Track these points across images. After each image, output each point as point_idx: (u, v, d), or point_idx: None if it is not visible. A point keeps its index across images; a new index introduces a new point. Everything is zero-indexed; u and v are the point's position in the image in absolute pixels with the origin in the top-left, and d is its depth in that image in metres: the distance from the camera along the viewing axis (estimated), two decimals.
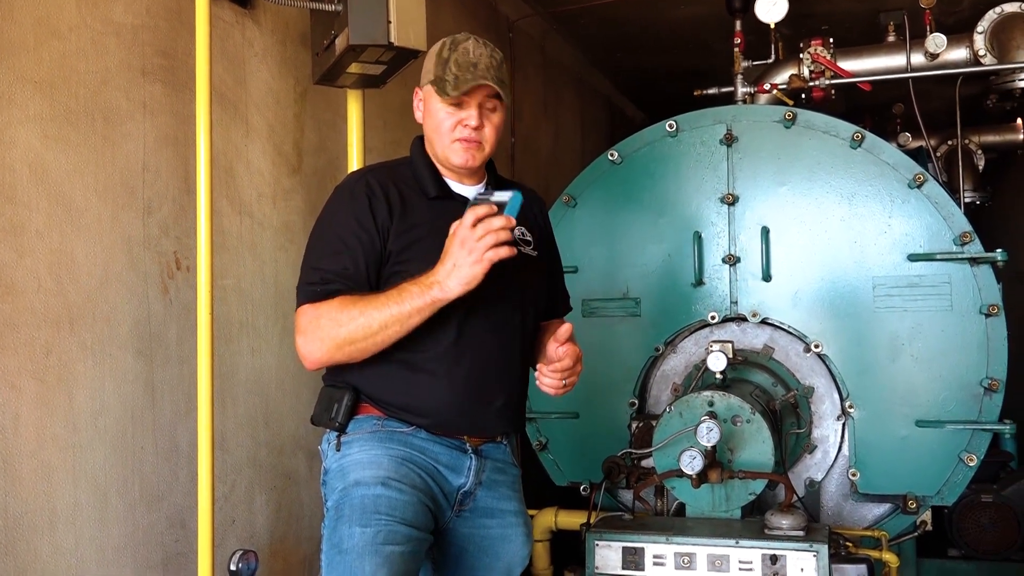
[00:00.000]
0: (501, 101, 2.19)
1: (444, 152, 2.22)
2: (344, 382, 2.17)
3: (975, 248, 3.33)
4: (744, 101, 4.16)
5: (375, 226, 2.13)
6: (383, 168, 2.31)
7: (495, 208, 1.97)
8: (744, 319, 3.58)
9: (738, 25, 4.24)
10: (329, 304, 2.07)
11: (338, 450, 2.17)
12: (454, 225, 2.01)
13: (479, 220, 1.95)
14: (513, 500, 2.32)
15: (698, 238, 3.61)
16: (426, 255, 2.11)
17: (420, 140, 2.32)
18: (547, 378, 2.23)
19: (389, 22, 2.72)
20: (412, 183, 2.23)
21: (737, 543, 2.80)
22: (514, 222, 1.99)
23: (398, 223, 2.15)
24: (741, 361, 3.47)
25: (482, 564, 2.28)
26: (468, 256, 1.95)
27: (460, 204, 2.21)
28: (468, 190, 2.27)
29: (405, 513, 2.08)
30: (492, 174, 2.35)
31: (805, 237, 3.52)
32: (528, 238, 2.33)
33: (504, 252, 1.96)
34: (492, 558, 2.29)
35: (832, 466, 3.51)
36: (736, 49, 4.20)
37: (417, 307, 2.01)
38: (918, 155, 4.43)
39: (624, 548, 2.89)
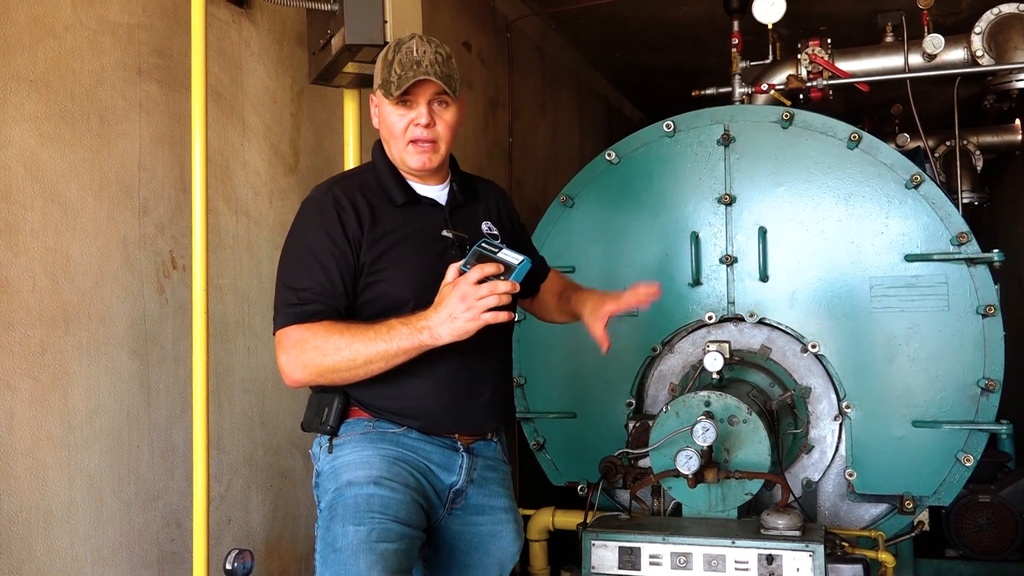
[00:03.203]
0: (452, 97, 2.18)
1: (401, 155, 2.22)
2: (333, 387, 2.18)
3: (972, 248, 3.33)
4: (742, 101, 4.16)
5: (347, 240, 2.13)
6: (349, 178, 2.30)
7: (502, 268, 1.97)
8: (741, 319, 3.58)
9: (736, 25, 4.23)
10: (314, 330, 2.07)
11: (330, 452, 2.19)
12: (452, 270, 2.01)
13: (485, 278, 1.95)
14: (503, 497, 2.33)
15: (695, 238, 3.61)
16: (399, 263, 2.14)
17: (381, 144, 2.31)
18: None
19: (385, 22, 2.72)
20: (378, 191, 2.23)
21: (733, 543, 2.80)
22: (519, 288, 1.98)
23: (369, 234, 2.15)
24: (738, 361, 3.47)
25: (473, 561, 2.29)
26: (466, 312, 1.96)
27: (428, 207, 2.25)
28: (433, 190, 2.28)
29: (398, 511, 2.09)
30: (456, 172, 2.36)
31: (802, 237, 3.52)
32: (495, 231, 2.35)
33: (503, 316, 1.96)
34: (483, 555, 2.30)
35: (829, 466, 3.51)
36: (734, 49, 4.19)
37: (404, 348, 2.03)
38: (916, 156, 4.44)
39: (620, 548, 2.89)
